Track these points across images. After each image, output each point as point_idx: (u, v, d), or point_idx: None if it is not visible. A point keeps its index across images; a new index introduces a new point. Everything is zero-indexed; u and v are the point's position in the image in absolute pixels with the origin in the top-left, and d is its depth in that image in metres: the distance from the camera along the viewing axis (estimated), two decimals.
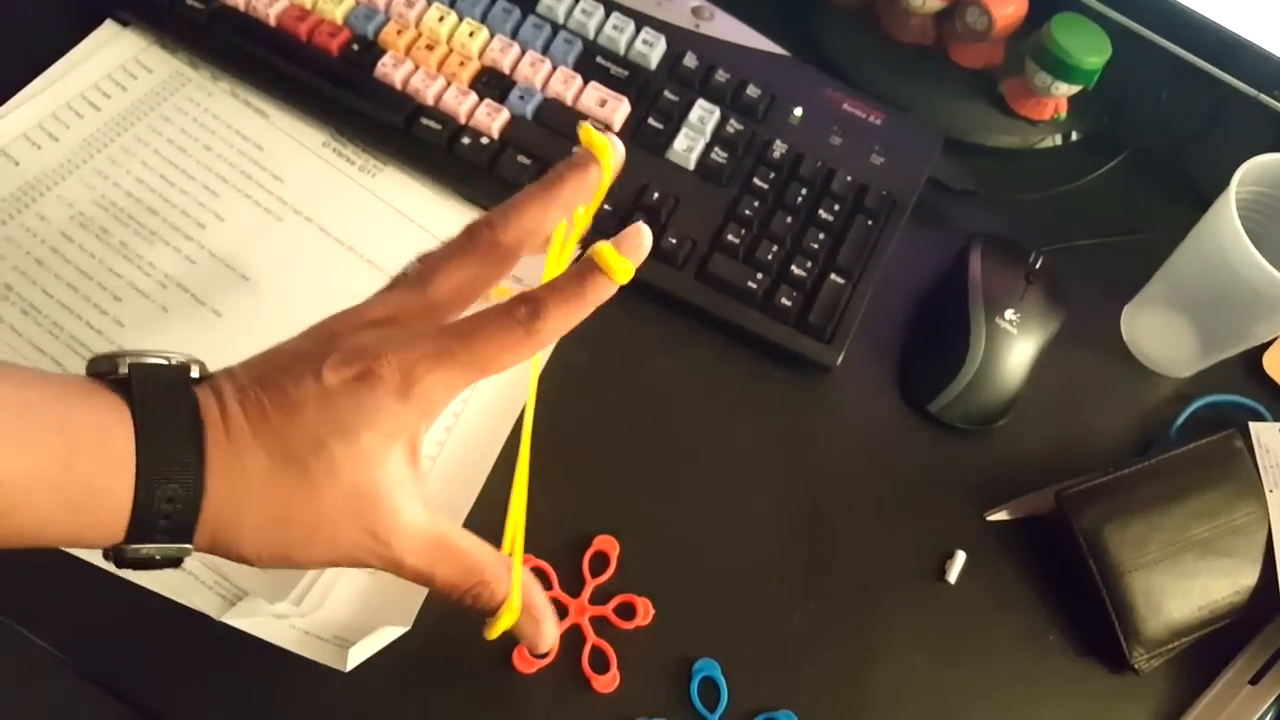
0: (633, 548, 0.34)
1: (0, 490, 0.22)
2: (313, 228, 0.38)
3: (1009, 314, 0.37)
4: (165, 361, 0.25)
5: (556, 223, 0.29)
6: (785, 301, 0.37)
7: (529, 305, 0.26)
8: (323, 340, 0.26)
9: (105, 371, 0.25)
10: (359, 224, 0.38)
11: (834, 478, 0.36)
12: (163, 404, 0.24)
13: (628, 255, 0.26)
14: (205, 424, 0.24)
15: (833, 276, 0.37)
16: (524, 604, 0.28)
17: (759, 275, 0.37)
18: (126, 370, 0.25)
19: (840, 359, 0.37)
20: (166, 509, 0.24)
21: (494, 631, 0.28)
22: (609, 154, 0.29)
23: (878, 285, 0.38)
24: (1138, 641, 0.34)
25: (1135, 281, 0.40)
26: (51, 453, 0.23)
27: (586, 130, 0.28)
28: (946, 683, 0.34)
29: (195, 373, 0.26)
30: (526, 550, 0.33)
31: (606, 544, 0.34)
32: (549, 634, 0.29)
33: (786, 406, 0.37)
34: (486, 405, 0.35)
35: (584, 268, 0.26)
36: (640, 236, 0.27)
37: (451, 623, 0.33)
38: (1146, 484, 0.36)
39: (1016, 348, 0.37)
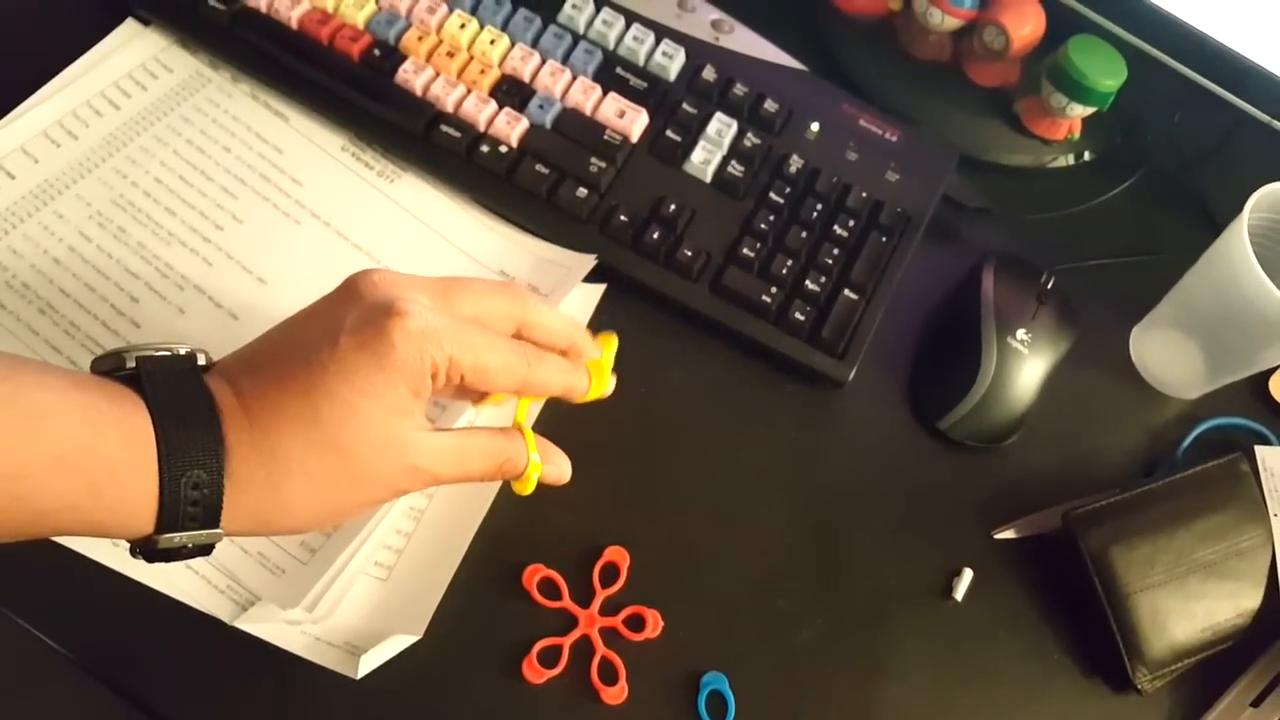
0: (643, 559, 0.34)
1: (23, 470, 0.22)
2: (330, 231, 0.38)
3: (1020, 333, 0.37)
4: (170, 352, 0.26)
5: (560, 348, 0.31)
6: (799, 316, 0.37)
7: (537, 351, 0.29)
8: (335, 306, 0.27)
9: (112, 368, 0.25)
10: (376, 229, 0.38)
11: (843, 493, 0.37)
12: (175, 393, 0.25)
13: (606, 390, 0.32)
14: (221, 408, 0.25)
15: (846, 292, 0.37)
16: (543, 455, 0.31)
17: (773, 289, 0.37)
18: (134, 364, 0.25)
19: (852, 374, 0.37)
20: (194, 495, 0.24)
21: (527, 488, 0.31)
22: (601, 390, 0.32)
23: (890, 302, 0.38)
24: (1141, 662, 0.34)
25: (1145, 302, 0.41)
26: (74, 435, 0.23)
27: (605, 364, 0.32)
28: (952, 699, 0.34)
29: (201, 360, 0.26)
30: (537, 560, 0.34)
31: (617, 555, 0.35)
32: (567, 468, 0.32)
33: (798, 421, 0.38)
34: (495, 414, 0.36)
35: (579, 366, 0.31)
36: (610, 386, 0.32)
37: (462, 631, 0.34)
38: (1153, 505, 0.36)
39: (1027, 367, 0.37)
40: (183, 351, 0.26)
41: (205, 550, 0.25)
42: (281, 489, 0.25)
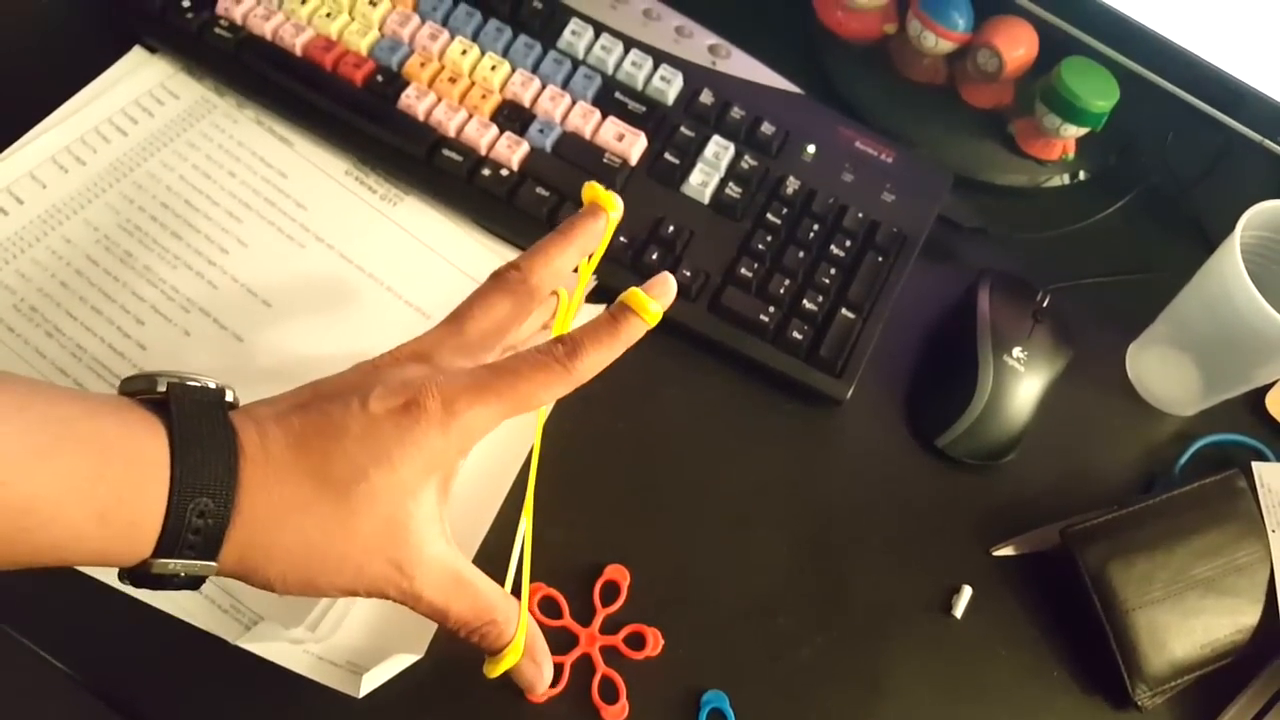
0: (643, 577, 0.35)
1: (33, 504, 0.22)
2: (334, 255, 0.38)
3: (1017, 352, 0.38)
4: (200, 384, 0.26)
5: (573, 264, 0.31)
6: (796, 335, 0.37)
7: (567, 345, 0.28)
8: (366, 374, 0.27)
9: (141, 390, 0.26)
10: (380, 252, 0.39)
11: (842, 511, 0.37)
12: (199, 421, 0.25)
13: (656, 299, 0.29)
14: (242, 444, 0.25)
15: (843, 311, 0.38)
16: (527, 647, 0.29)
17: (771, 309, 0.37)
18: (164, 388, 0.25)
19: (850, 393, 0.37)
20: (198, 524, 0.24)
21: (496, 670, 0.30)
22: (613, 206, 0.32)
23: (887, 321, 0.38)
24: (1141, 679, 0.34)
25: (1141, 320, 0.41)
26: (83, 465, 0.23)
27: (592, 187, 0.32)
28: (951, 716, 0.34)
29: (230, 397, 0.27)
30: (537, 578, 0.34)
31: (617, 573, 0.35)
32: (547, 678, 0.31)
33: (796, 439, 0.38)
34: (496, 438, 0.36)
35: (617, 311, 0.29)
36: (667, 283, 0.29)
37: (463, 652, 0.33)
38: (1150, 522, 0.36)
39: (1023, 385, 0.38)
40: (213, 385, 0.26)
41: (194, 583, 0.25)
42: (275, 535, 0.25)
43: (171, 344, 0.36)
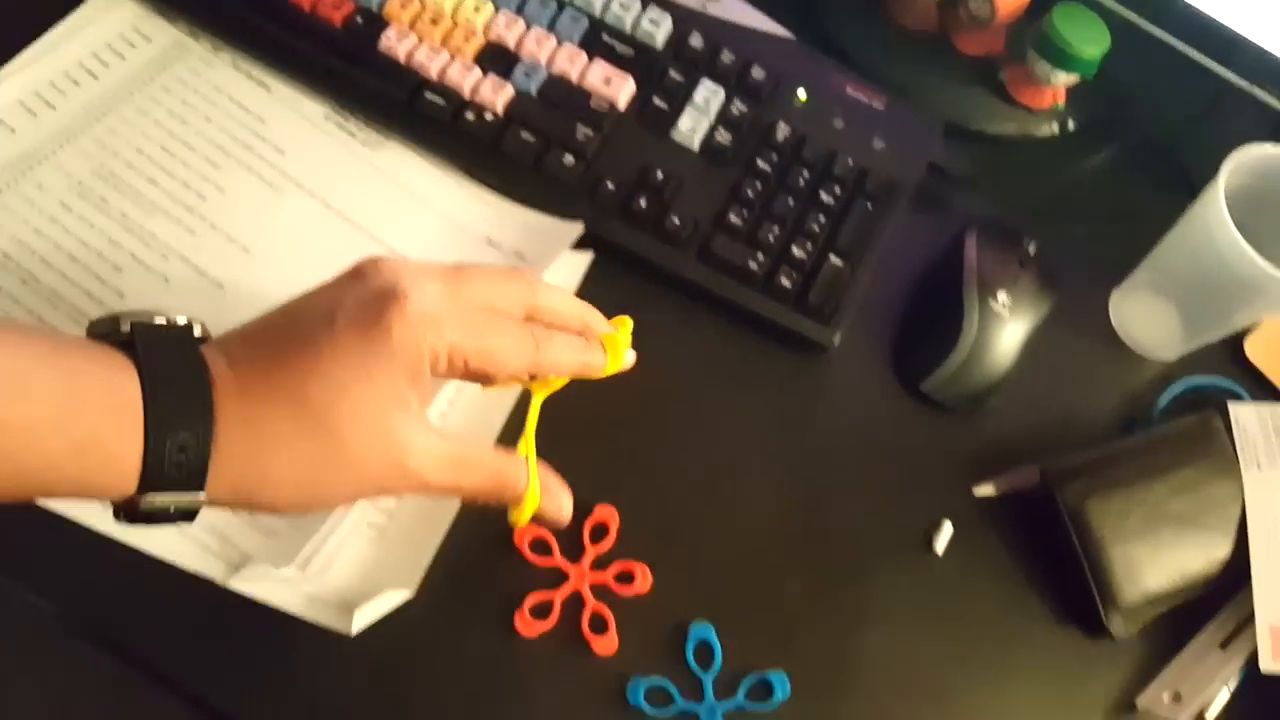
0: (632, 517, 0.35)
1: (4, 430, 0.22)
2: (314, 201, 0.38)
3: (1001, 297, 0.38)
4: (167, 321, 0.26)
5: (574, 331, 0.30)
6: (785, 282, 0.37)
7: (542, 331, 0.28)
8: (341, 287, 0.27)
9: (106, 332, 0.25)
10: (360, 197, 0.38)
11: (828, 453, 0.37)
12: (168, 357, 0.25)
13: (626, 361, 0.31)
14: (213, 376, 0.25)
15: (832, 258, 0.38)
16: (543, 489, 0.31)
17: (760, 256, 0.37)
18: (129, 328, 0.25)
19: (837, 339, 0.37)
20: (179, 459, 0.24)
21: (523, 518, 0.30)
22: (618, 365, 0.32)
23: (876, 268, 0.38)
24: (1116, 610, 0.35)
25: (1125, 268, 0.42)
26: (54, 395, 0.23)
27: (620, 338, 0.32)
28: (933, 647, 0.35)
29: (198, 331, 0.26)
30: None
31: (606, 513, 0.35)
32: (567, 508, 0.32)
33: (784, 384, 0.38)
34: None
35: (593, 340, 0.31)
36: (630, 358, 0.32)
37: (455, 587, 0.34)
38: (1128, 460, 0.37)
39: (1008, 330, 0.38)
40: (181, 321, 0.26)
41: (188, 516, 0.25)
42: (265, 463, 0.25)
43: (150, 291, 0.35)
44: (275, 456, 0.25)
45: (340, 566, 0.33)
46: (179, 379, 0.24)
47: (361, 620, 0.32)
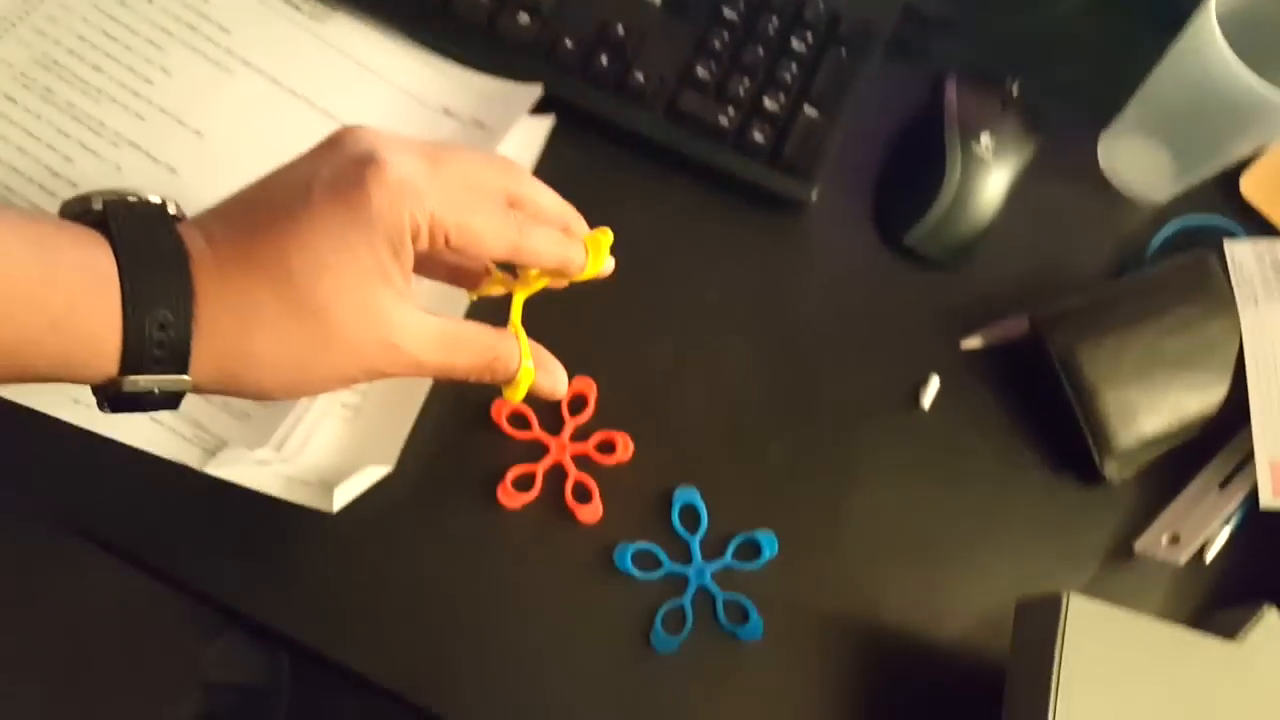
0: (610, 389, 0.35)
1: None
2: (263, 79, 0.36)
3: (984, 139, 0.36)
4: (139, 199, 0.25)
5: (553, 241, 0.29)
6: (758, 137, 0.36)
7: (528, 218, 0.27)
8: (315, 159, 0.26)
9: (78, 212, 0.24)
10: (310, 73, 0.37)
11: (809, 313, 0.36)
12: (143, 234, 0.24)
13: (604, 267, 0.30)
14: (190, 252, 0.24)
15: (806, 110, 0.36)
16: (536, 363, 0.30)
17: (730, 111, 0.36)
18: (100, 206, 0.24)
19: (815, 195, 0.36)
20: (159, 336, 0.23)
21: (519, 394, 0.30)
22: (598, 268, 0.30)
23: (852, 118, 0.37)
24: (1110, 454, 0.35)
25: (1113, 110, 0.40)
26: (30, 270, 0.22)
27: (602, 240, 0.30)
28: (922, 501, 0.35)
29: (172, 210, 0.25)
30: (497, 396, 0.33)
31: (584, 385, 0.35)
32: (563, 381, 0.31)
33: (761, 245, 0.37)
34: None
35: (574, 240, 0.29)
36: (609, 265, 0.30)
37: (435, 464, 0.34)
38: (1120, 303, 0.36)
39: (992, 175, 0.37)
40: (154, 200, 0.25)
41: (173, 401, 0.25)
42: (250, 342, 0.24)
43: (103, 180, 0.34)
44: (260, 334, 0.24)
45: (316, 446, 0.32)
46: (156, 255, 0.23)
47: (342, 498, 0.31)
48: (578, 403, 0.35)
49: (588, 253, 0.29)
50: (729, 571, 0.33)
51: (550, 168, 0.36)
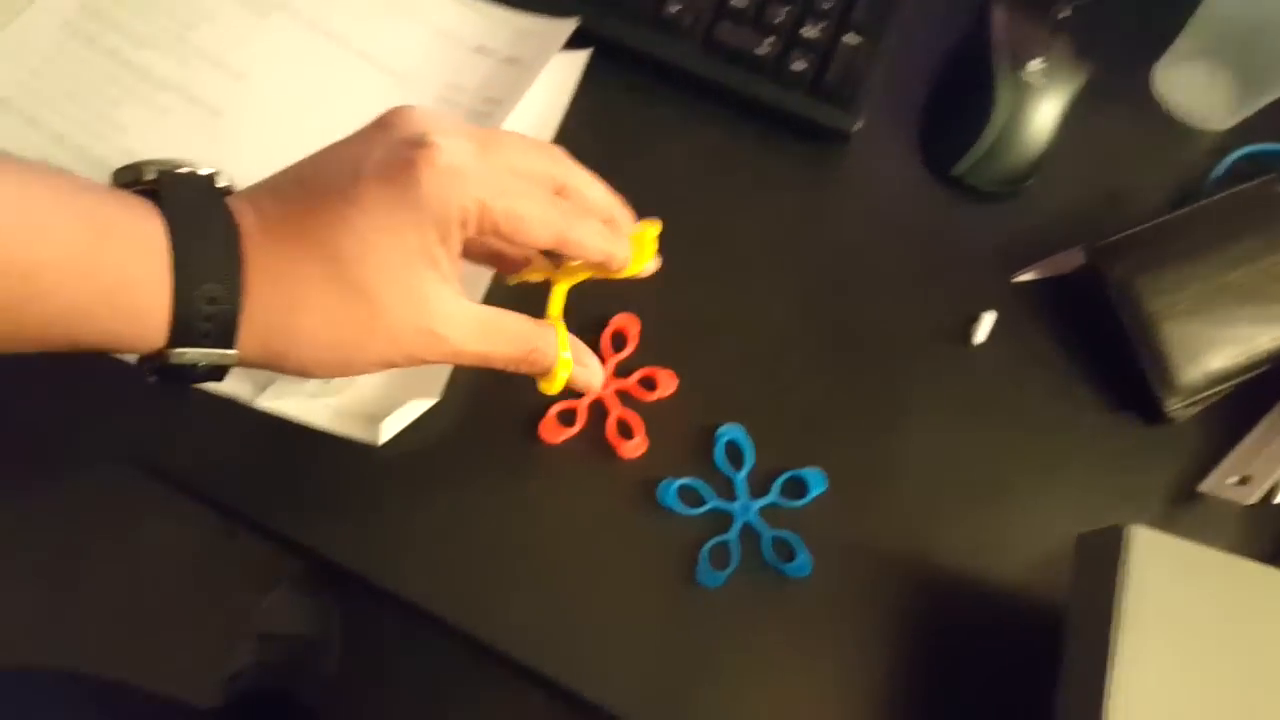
0: (653, 325, 0.34)
1: (31, 274, 0.22)
2: (300, 22, 0.37)
3: (1034, 65, 0.35)
4: (191, 170, 0.25)
5: (601, 219, 0.28)
6: (798, 66, 0.35)
7: (576, 207, 0.27)
8: (367, 139, 0.26)
9: (130, 181, 0.25)
10: (346, 15, 0.37)
11: (855, 248, 0.36)
12: (194, 207, 0.24)
13: (647, 266, 0.30)
14: (240, 227, 0.24)
15: (848, 37, 0.35)
16: (575, 357, 0.30)
17: (769, 39, 0.35)
18: (153, 176, 0.24)
19: (858, 125, 0.35)
20: (208, 310, 0.23)
21: (555, 387, 0.30)
22: (641, 266, 0.30)
23: (896, 45, 0.36)
24: (1172, 390, 0.33)
25: (1169, 34, 0.38)
26: (81, 239, 0.22)
27: (648, 237, 0.30)
28: (974, 439, 0.33)
29: (223, 182, 0.25)
30: None
31: (626, 322, 0.34)
32: (598, 374, 0.31)
33: (804, 179, 0.36)
34: None
35: (623, 235, 0.29)
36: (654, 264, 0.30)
37: (479, 398, 0.34)
38: (1182, 233, 0.34)
39: (1043, 102, 0.35)
40: (203, 172, 0.25)
41: (217, 374, 0.25)
42: (294, 319, 0.24)
43: (149, 124, 0.35)
44: (306, 313, 0.24)
45: (363, 380, 0.32)
46: (207, 228, 0.24)
47: (388, 430, 0.31)
48: (620, 339, 0.34)
49: (632, 250, 0.28)
50: (775, 508, 0.32)
51: (586, 103, 0.35)
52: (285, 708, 0.75)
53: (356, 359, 0.26)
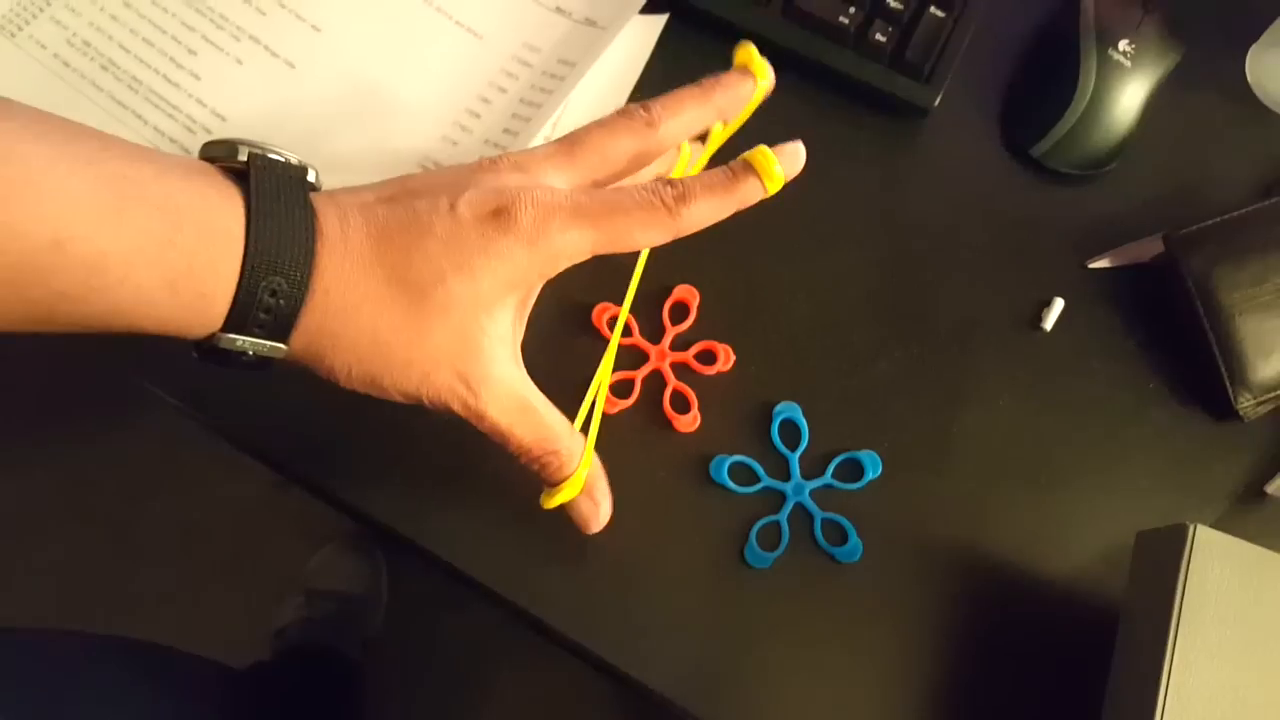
0: (713, 298, 0.34)
1: (103, 261, 0.22)
2: None
3: (1123, 45, 0.34)
4: (284, 159, 0.25)
5: (707, 122, 0.29)
6: (880, 38, 0.34)
7: (676, 189, 0.26)
8: (461, 175, 0.26)
9: (221, 156, 0.25)
10: None
11: (926, 227, 0.35)
12: (279, 197, 0.24)
13: (784, 165, 0.28)
14: (321, 227, 0.24)
15: (932, 9, 0.34)
16: (587, 485, 0.29)
17: (851, 9, 0.34)
18: (245, 158, 0.24)
19: (938, 100, 0.34)
20: (269, 302, 0.23)
21: (552, 502, 0.29)
22: (766, 75, 0.29)
23: (981, 18, 0.35)
24: (1245, 387, 0.32)
25: (1265, 18, 0.36)
26: (153, 227, 0.23)
27: (747, 50, 0.30)
28: (1038, 426, 0.33)
29: (312, 177, 0.26)
30: (605, 299, 0.33)
31: (687, 294, 0.34)
32: (603, 518, 0.30)
33: (879, 153, 0.36)
34: None
35: (738, 167, 0.28)
36: (798, 154, 0.28)
37: (532, 363, 0.32)
38: (1265, 225, 0.33)
39: (1130, 84, 0.34)
40: (294, 161, 0.25)
41: (261, 364, 0.25)
42: (344, 327, 0.24)
43: (225, 73, 0.35)
44: (357, 320, 0.24)
45: None
46: (286, 222, 0.24)
47: None
48: (679, 311, 0.34)
49: (760, 174, 0.27)
50: (829, 490, 0.32)
51: (662, 68, 0.35)
52: (329, 663, 0.77)
53: (384, 379, 0.26)
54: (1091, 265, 0.35)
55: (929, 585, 0.31)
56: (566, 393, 0.32)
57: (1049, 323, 0.34)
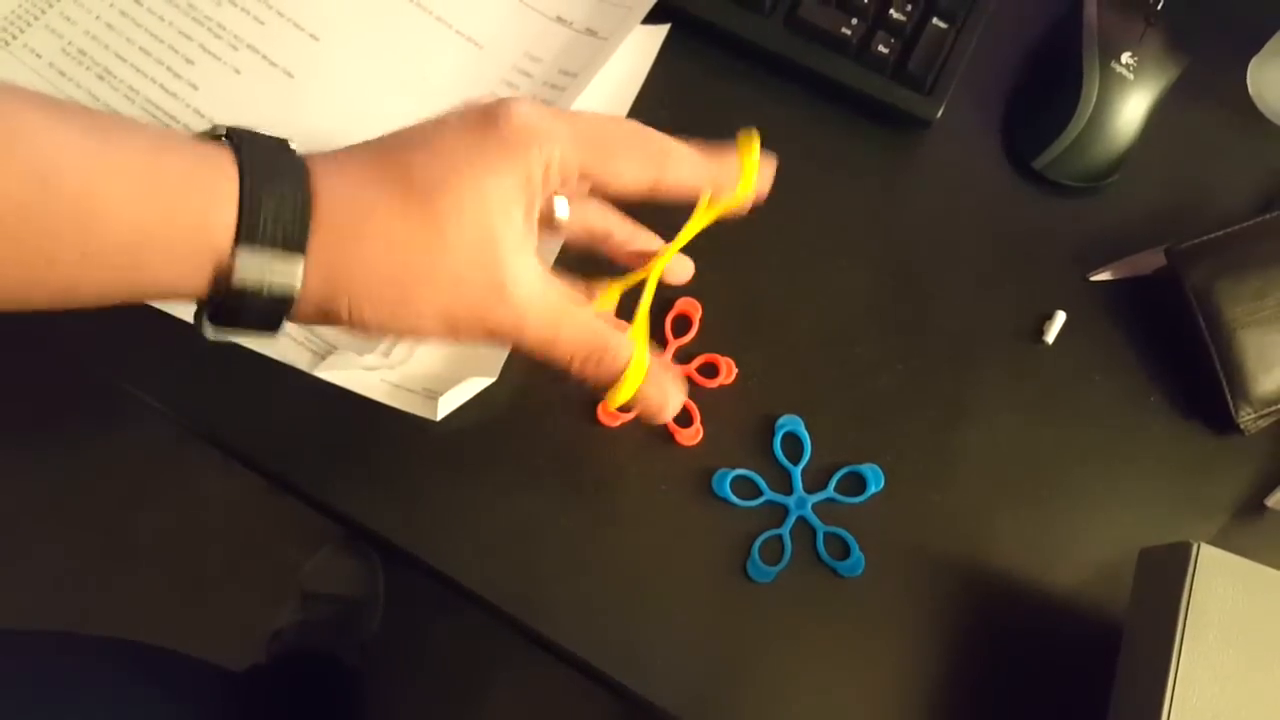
0: (715, 310, 0.34)
1: (89, 195, 0.21)
2: None
3: (1125, 58, 0.34)
4: (265, 134, 0.24)
5: (697, 177, 0.27)
6: (882, 49, 0.34)
7: (668, 140, 0.26)
8: (446, 111, 0.25)
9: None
10: None
11: (929, 238, 0.35)
12: (267, 156, 0.23)
13: (761, 178, 0.28)
14: (311, 171, 0.23)
15: (934, 21, 0.34)
16: (649, 371, 0.27)
17: (853, 21, 0.34)
18: (224, 132, 0.24)
19: (940, 112, 0.34)
20: (274, 209, 0.22)
21: (619, 398, 0.27)
22: (749, 188, 0.28)
23: (983, 31, 0.35)
24: (1246, 401, 0.32)
25: (1266, 32, 0.36)
26: (138, 161, 0.22)
27: (750, 145, 0.28)
28: (1039, 440, 0.33)
29: (293, 146, 0.25)
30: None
31: (689, 306, 0.34)
32: (674, 402, 0.28)
33: (881, 164, 0.35)
34: None
35: (722, 146, 0.28)
36: (770, 172, 0.29)
37: (537, 378, 0.33)
38: (1266, 238, 0.33)
39: (1132, 96, 0.34)
40: (276, 136, 0.25)
41: (276, 313, 0.24)
42: (358, 246, 0.23)
43: (223, 82, 0.34)
44: (370, 239, 0.23)
45: (422, 355, 0.32)
46: (277, 150, 0.24)
47: (446, 406, 0.31)
48: (681, 323, 0.34)
49: (741, 156, 0.26)
50: (831, 504, 0.32)
51: (662, 79, 0.35)
52: (325, 667, 0.77)
53: (414, 300, 0.24)
54: (1093, 278, 0.35)
55: (931, 599, 0.31)
56: (574, 404, 0.32)
57: (1051, 335, 0.34)
